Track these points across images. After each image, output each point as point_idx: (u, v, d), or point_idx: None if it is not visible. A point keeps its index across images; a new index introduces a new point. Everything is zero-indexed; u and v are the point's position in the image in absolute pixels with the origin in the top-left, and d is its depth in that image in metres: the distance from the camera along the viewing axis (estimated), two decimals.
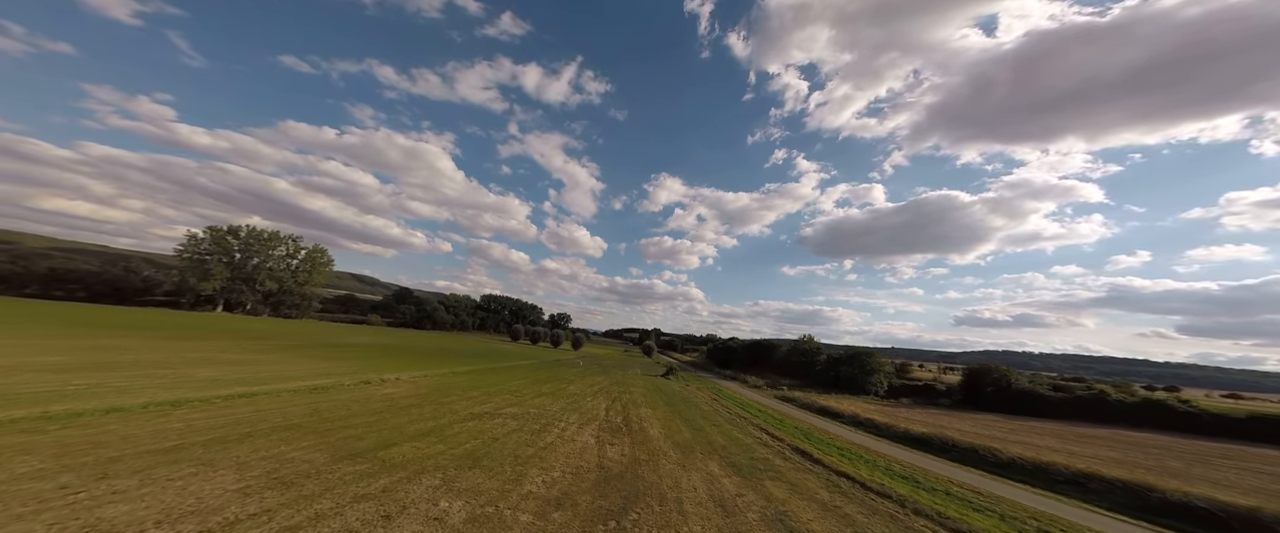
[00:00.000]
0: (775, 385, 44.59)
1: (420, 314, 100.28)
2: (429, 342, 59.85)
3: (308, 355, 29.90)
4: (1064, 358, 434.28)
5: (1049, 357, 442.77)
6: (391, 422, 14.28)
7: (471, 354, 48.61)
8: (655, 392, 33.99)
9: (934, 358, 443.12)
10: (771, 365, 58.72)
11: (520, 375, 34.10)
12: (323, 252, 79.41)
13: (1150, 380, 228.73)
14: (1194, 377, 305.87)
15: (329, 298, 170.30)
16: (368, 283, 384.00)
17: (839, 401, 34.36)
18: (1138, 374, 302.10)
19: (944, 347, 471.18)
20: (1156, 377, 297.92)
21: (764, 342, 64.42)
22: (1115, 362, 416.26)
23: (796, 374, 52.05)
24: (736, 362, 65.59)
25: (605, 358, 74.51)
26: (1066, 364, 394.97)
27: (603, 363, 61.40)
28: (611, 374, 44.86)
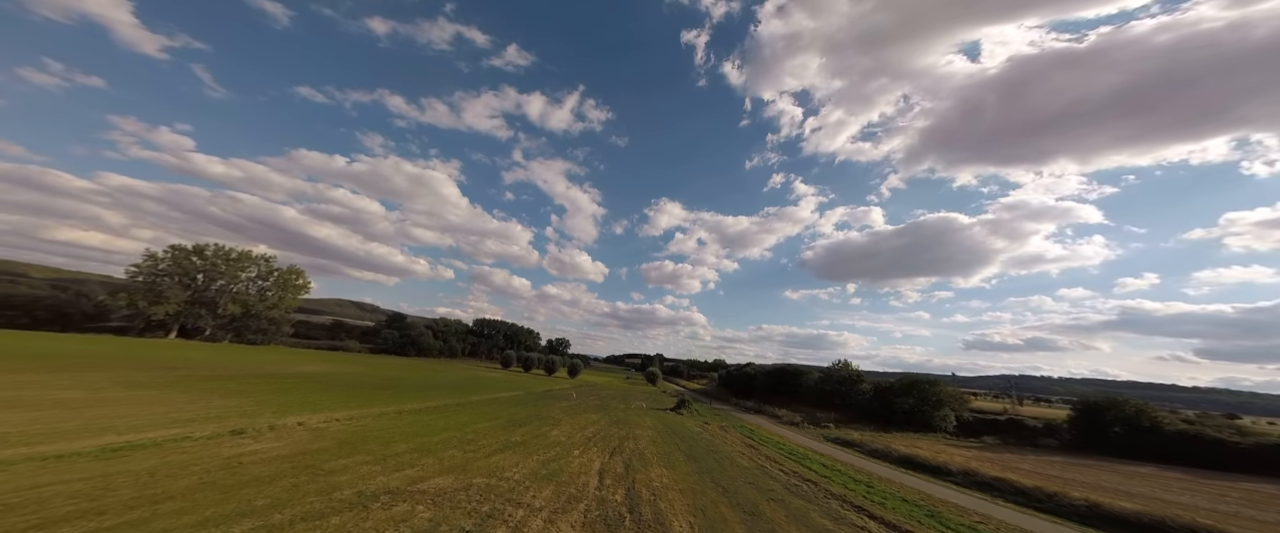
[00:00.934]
0: (815, 421, 36.22)
1: (404, 340, 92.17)
2: (397, 371, 51.83)
3: (210, 390, 22.47)
4: (1084, 382, 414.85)
5: (1069, 381, 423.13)
6: (157, 526, 6.75)
7: (442, 386, 40.65)
8: (669, 436, 25.95)
9: (950, 383, 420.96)
10: (801, 396, 50.18)
11: (490, 414, 26.29)
12: (298, 273, 72.68)
13: (1180, 406, 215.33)
14: (1229, 403, 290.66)
15: (322, 324, 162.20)
16: (368, 310, 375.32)
17: (913, 443, 26.18)
18: (1166, 400, 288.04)
19: (955, 370, 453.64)
20: (1188, 402, 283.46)
21: (788, 367, 56.10)
22: (1140, 387, 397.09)
23: (833, 406, 43.55)
24: (757, 390, 56.98)
25: (604, 388, 65.87)
26: (1087, 389, 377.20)
27: (601, 394, 52.97)
28: (611, 410, 36.74)
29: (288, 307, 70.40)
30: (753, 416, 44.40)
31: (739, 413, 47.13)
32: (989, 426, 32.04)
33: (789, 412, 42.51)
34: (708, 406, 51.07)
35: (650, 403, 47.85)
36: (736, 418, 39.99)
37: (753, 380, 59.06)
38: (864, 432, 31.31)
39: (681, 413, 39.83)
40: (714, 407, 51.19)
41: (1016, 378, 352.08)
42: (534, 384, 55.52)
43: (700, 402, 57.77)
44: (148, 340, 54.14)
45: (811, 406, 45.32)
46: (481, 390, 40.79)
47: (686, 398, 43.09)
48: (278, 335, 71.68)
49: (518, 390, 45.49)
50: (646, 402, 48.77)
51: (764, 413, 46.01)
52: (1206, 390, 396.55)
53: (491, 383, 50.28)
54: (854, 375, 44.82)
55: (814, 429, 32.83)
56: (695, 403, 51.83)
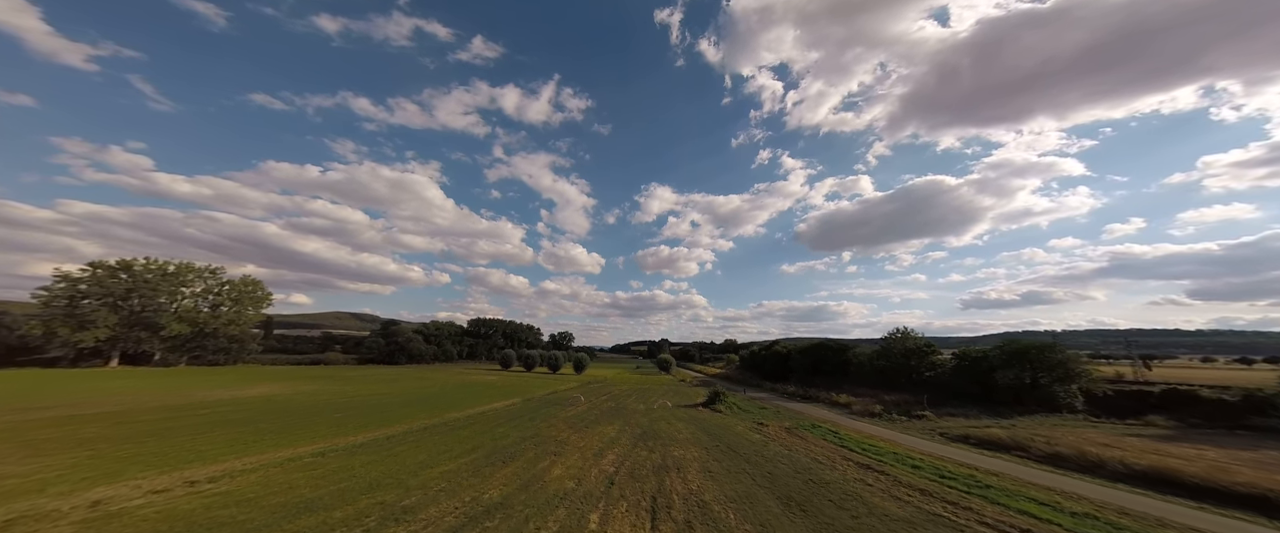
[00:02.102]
0: (890, 408, 28.28)
1: (392, 348, 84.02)
2: (371, 385, 43.64)
3: (36, 442, 14.14)
4: (1089, 334, 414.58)
5: (1074, 333, 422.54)
6: None
7: (418, 401, 32.54)
8: (725, 454, 17.89)
9: (950, 343, 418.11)
10: (851, 376, 42.34)
11: (466, 443, 18.22)
12: (255, 285, 63.86)
13: (1184, 352, 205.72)
14: (1236, 344, 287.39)
15: (311, 337, 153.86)
16: (367, 321, 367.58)
17: (1083, 437, 18.19)
18: (1169, 346, 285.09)
19: (956, 332, 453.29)
20: (1193, 347, 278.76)
21: (828, 343, 48.15)
22: (1142, 334, 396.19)
23: (897, 386, 35.70)
24: (793, 372, 49.20)
25: (615, 383, 58.04)
26: (1094, 341, 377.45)
27: (612, 391, 45.00)
28: (630, 416, 28.76)
29: (248, 322, 61.78)
30: (803, 404, 36.49)
31: (782, 401, 39.25)
32: (1135, 400, 24.03)
33: (847, 396, 34.65)
34: (742, 395, 43.22)
35: (674, 399, 39.95)
36: (791, 411, 32.05)
37: (787, 360, 51.30)
38: (977, 421, 23.52)
39: (718, 409, 31.88)
40: (749, 396, 43.34)
41: (1019, 333, 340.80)
42: (535, 386, 47.65)
43: (731, 390, 50.03)
44: (72, 371, 45.72)
45: (871, 387, 37.54)
46: (467, 403, 32.68)
47: (720, 391, 35.08)
48: (244, 353, 63.25)
49: (514, 398, 37.45)
50: (669, 398, 40.86)
51: (814, 399, 38.15)
52: (1209, 334, 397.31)
53: (484, 390, 42.23)
54: (922, 346, 36.77)
55: (908, 421, 24.92)
56: (727, 393, 44.11)
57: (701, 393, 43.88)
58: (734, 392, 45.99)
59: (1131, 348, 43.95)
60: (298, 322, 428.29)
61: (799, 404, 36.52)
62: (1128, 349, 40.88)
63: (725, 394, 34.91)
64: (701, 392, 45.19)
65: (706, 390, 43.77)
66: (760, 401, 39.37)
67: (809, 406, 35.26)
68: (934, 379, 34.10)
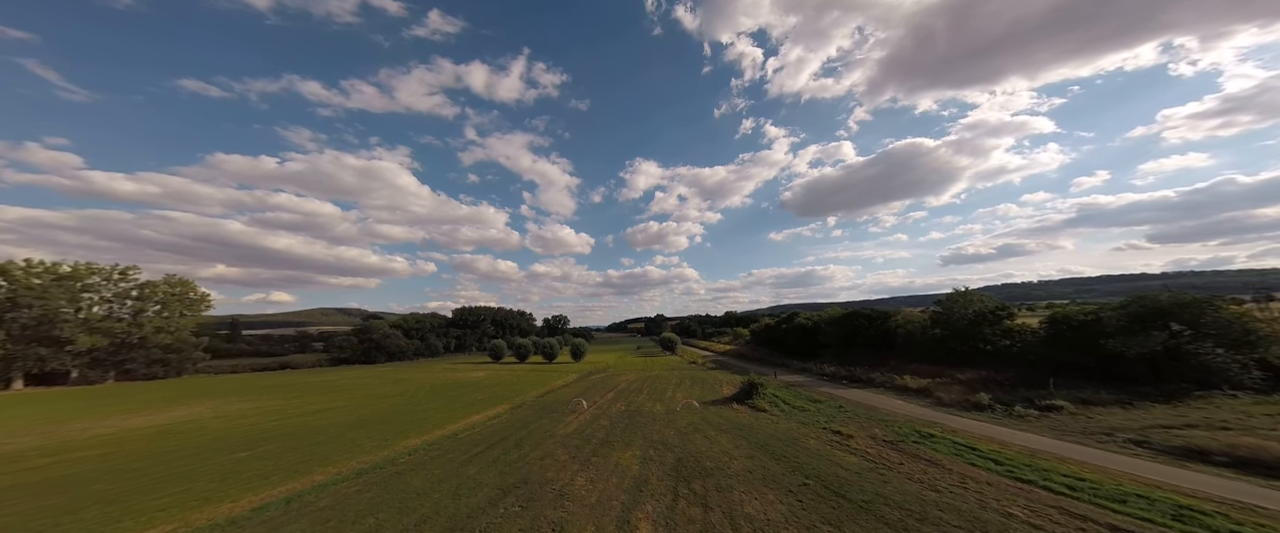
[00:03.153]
0: (995, 399, 21.61)
1: (368, 346, 75.88)
2: (323, 397, 35.94)
3: None
4: (1063, 284, 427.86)
5: (1049, 284, 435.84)
6: None
7: (375, 420, 25.06)
8: (853, 522, 10.49)
9: (929, 302, 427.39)
10: (898, 349, 36.01)
11: (410, 505, 10.58)
12: (187, 286, 54.36)
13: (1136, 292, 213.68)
14: (1199, 285, 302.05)
15: (287, 338, 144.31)
16: (354, 315, 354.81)
17: None
18: (1137, 290, 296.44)
19: (937, 289, 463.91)
20: (1154, 288, 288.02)
21: (863, 311, 41.53)
22: (1111, 280, 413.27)
23: (968, 361, 29.31)
24: (823, 347, 42.82)
25: (620, 372, 51.37)
26: (1069, 290, 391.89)
27: (618, 385, 38.14)
28: (649, 427, 21.78)
29: (182, 327, 52.76)
30: (855, 390, 29.96)
31: (827, 385, 32.74)
32: None
33: (913, 378, 28.19)
34: (771, 378, 36.80)
35: (696, 391, 33.22)
36: (853, 403, 25.34)
37: (815, 334, 44.81)
38: (1149, 412, 17.07)
39: (759, 407, 25.13)
40: (782, 380, 36.89)
41: (999, 287, 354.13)
42: (527, 384, 40.56)
43: (756, 372, 43.70)
44: None
45: (930, 362, 31.25)
46: (438, 418, 25.33)
47: (755, 379, 28.26)
48: (187, 363, 54.58)
49: (500, 404, 30.22)
50: (689, 390, 34.12)
51: (865, 382, 31.69)
52: (1173, 276, 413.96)
53: (465, 394, 34.85)
54: (995, 309, 29.92)
55: (1043, 417, 18.20)
56: (759, 378, 37.64)
57: (724, 380, 37.30)
58: (761, 374, 39.59)
59: (1256, 292, 37.80)
60: (280, 321, 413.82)
61: (851, 390, 30.00)
62: (1253, 294, 34.79)
63: (761, 382, 28.11)
64: (723, 378, 38.65)
65: (731, 378, 37.20)
66: (800, 387, 32.88)
67: (866, 392, 28.71)
68: (1014, 351, 27.66)
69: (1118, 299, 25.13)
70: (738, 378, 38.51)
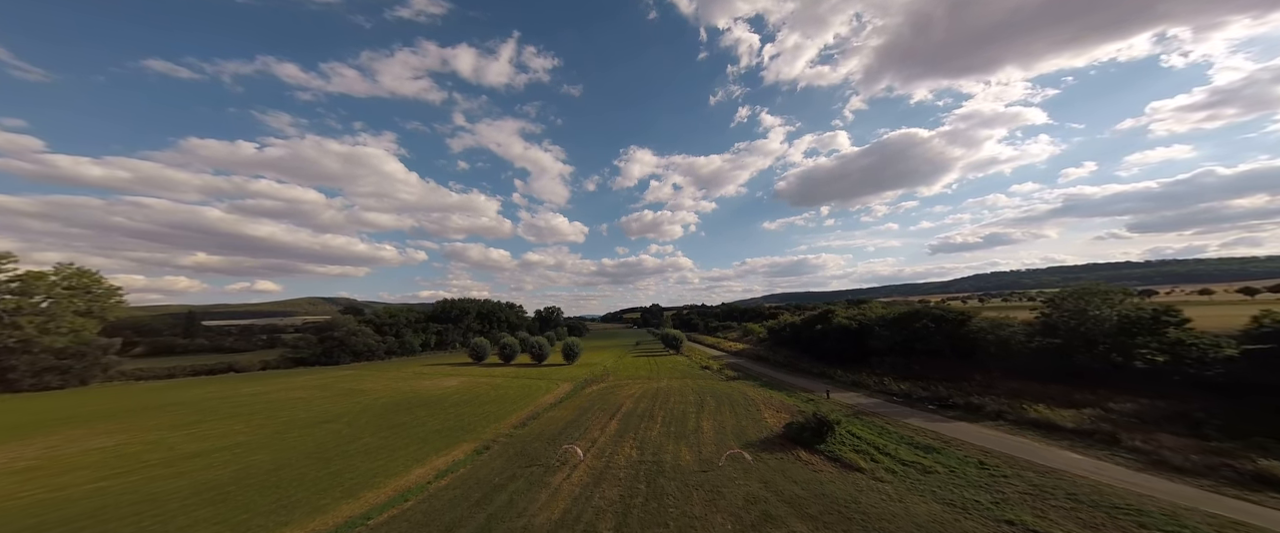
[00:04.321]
0: (1204, 447, 13.38)
1: (329, 344, 66.35)
2: (217, 426, 26.88)
3: None
4: (1049, 272, 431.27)
5: (1035, 272, 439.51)
6: None
7: (260, 480, 16.08)
8: None
9: (920, 291, 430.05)
10: (978, 359, 27.79)
11: None
12: (85, 277, 44.13)
13: (1131, 283, 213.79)
14: (1181, 274, 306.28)
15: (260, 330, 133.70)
16: (342, 305, 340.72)
17: None
18: (1121, 279, 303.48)
19: (925, 277, 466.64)
20: (1143, 278, 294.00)
21: (925, 311, 33.01)
22: (1096, 269, 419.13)
23: (1096, 378, 21.10)
24: (873, 353, 34.48)
25: (622, 380, 43.06)
26: (1055, 278, 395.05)
27: (624, 406, 29.65)
28: (692, 507, 12.93)
29: (81, 327, 42.76)
30: (970, 424, 21.74)
31: (918, 416, 24.47)
32: None
33: (1047, 408, 19.88)
34: (822, 396, 28.59)
35: (733, 422, 24.86)
36: (996, 454, 16.99)
37: (861, 337, 36.27)
38: None
39: (843, 458, 16.75)
40: (836, 399, 28.72)
41: (990, 276, 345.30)
42: (508, 398, 31.74)
43: (782, 378, 35.40)
44: None
45: (1042, 380, 23.16)
46: (350, 479, 16.65)
47: (824, 413, 19.70)
48: (95, 370, 44.76)
49: (462, 442, 21.50)
50: (721, 420, 25.76)
51: (968, 410, 23.37)
52: (1157, 265, 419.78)
53: (417, 421, 25.78)
54: (1160, 313, 21.12)
55: None
56: (817, 399, 29.57)
57: (759, 399, 28.14)
58: (809, 393, 31.22)
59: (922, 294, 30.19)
60: (266, 311, 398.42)
61: (954, 424, 21.71)
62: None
63: (834, 418, 19.62)
64: (757, 396, 29.76)
65: (767, 394, 27.88)
66: (874, 415, 24.57)
67: (983, 428, 20.39)
68: (1187, 371, 19.33)
69: None
70: (777, 396, 30.11)
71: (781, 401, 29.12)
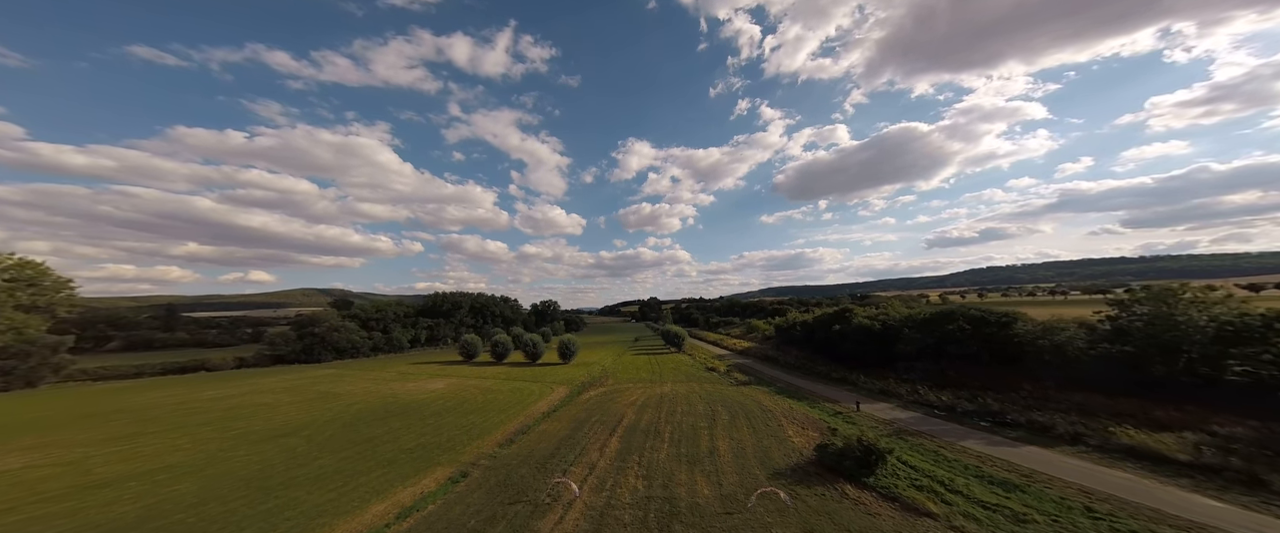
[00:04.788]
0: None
1: (309, 341, 62.55)
2: (159, 440, 23.35)
3: None
4: (1046, 266, 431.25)
5: (1031, 267, 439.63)
6: None
7: None
8: None
9: (916, 285, 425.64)
10: (1026, 365, 24.48)
11: None
12: (24, 266, 39.98)
13: (1128, 278, 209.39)
14: (1174, 270, 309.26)
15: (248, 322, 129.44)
16: (337, 296, 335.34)
17: None
18: (1116, 275, 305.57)
19: (920, 271, 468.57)
20: (1138, 273, 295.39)
21: (961, 310, 29.58)
22: (1092, 263, 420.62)
23: (1175, 395, 17.90)
24: (900, 358, 31.03)
25: (621, 385, 39.86)
26: (1050, 273, 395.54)
27: (623, 419, 26.39)
28: None
29: (24, 325, 38.75)
30: (1042, 450, 18.44)
31: (973, 438, 21.16)
32: None
33: (1137, 431, 16.58)
34: (856, 411, 25.41)
35: (754, 442, 21.65)
36: (1104, 497, 13.55)
37: (887, 340, 32.80)
38: None
39: (903, 497, 13.42)
40: (867, 412, 25.54)
41: (985, 271, 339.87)
42: (496, 406, 28.15)
43: (794, 381, 32.10)
44: None
45: (1109, 394, 19.98)
46: (295, 516, 12.91)
47: (867, 437, 16.33)
48: (44, 370, 40.88)
49: (437, 466, 18.17)
50: (740, 439, 22.54)
51: (1032, 430, 20.06)
52: (1151, 261, 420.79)
53: (389, 436, 22.22)
54: (1270, 319, 17.46)
55: None
56: (850, 418, 26.38)
57: (778, 409, 24.46)
58: (827, 398, 27.80)
59: (919, 288, 26.62)
60: (259, 302, 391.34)
61: (1021, 448, 18.41)
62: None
63: (884, 445, 16.23)
64: (774, 405, 26.18)
65: (787, 405, 24.11)
66: (918, 435, 21.29)
67: (1061, 455, 17.10)
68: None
69: None
70: (798, 408, 26.61)
71: (805, 413, 25.80)
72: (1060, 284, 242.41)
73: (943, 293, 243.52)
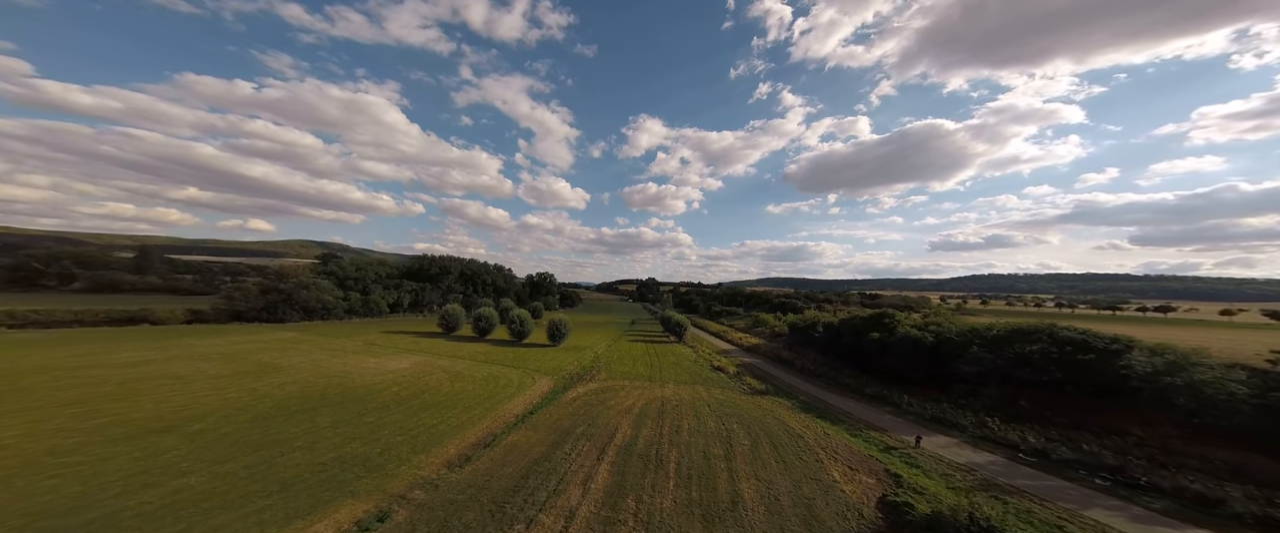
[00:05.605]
0: None
1: (273, 297, 56.74)
2: None
3: None
4: (1048, 278, 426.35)
5: (1032, 277, 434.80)
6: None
7: None
8: None
9: (914, 286, 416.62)
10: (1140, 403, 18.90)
11: None
12: None
13: (1129, 296, 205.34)
14: (1177, 290, 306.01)
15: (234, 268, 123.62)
16: (337, 250, 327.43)
17: None
18: (1118, 291, 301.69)
19: (920, 273, 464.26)
20: (1139, 292, 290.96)
21: (1043, 332, 23.77)
22: (1097, 278, 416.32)
23: None
24: (958, 380, 25.37)
25: (613, 376, 34.53)
26: (1053, 285, 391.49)
27: (614, 437, 20.81)
28: None
29: None
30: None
31: (1098, 506, 15.58)
32: None
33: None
34: (916, 448, 19.90)
35: (789, 484, 16.32)
36: None
37: (944, 357, 26.90)
38: None
39: None
40: (935, 452, 20.09)
41: (986, 277, 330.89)
42: (461, 402, 22.38)
43: (838, 413, 26.58)
44: None
45: (1226, 445, 14.64)
46: None
47: (985, 516, 10.63)
48: None
49: (342, 506, 12.22)
50: (771, 480, 17.20)
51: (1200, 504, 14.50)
52: (1155, 279, 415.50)
53: (278, 462, 16.41)
54: None
55: None
56: (874, 438, 21.01)
57: (810, 432, 18.30)
58: (868, 421, 22.18)
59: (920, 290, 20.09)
60: (256, 250, 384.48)
61: (1175, 528, 12.91)
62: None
63: (995, 523, 10.54)
64: (805, 428, 20.14)
65: (822, 429, 17.72)
66: (1009, 492, 15.83)
67: None
68: None
69: None
70: (836, 434, 20.65)
71: (846, 444, 20.31)
72: (1061, 296, 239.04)
73: (943, 296, 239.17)
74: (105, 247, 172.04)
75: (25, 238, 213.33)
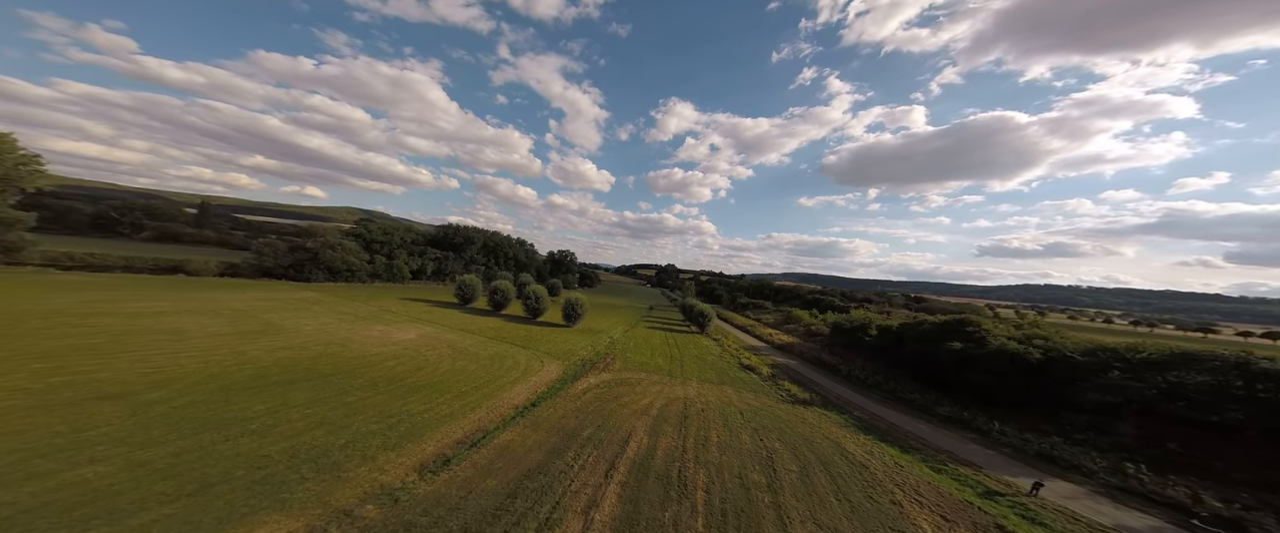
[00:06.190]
0: None
1: (300, 256, 56.83)
2: None
3: None
4: (1115, 293, 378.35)
5: (1096, 291, 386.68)
6: None
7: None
8: None
9: (956, 291, 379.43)
10: None
11: None
12: None
13: (1217, 319, 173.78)
14: (1274, 315, 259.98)
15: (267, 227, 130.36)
16: (379, 219, 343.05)
17: None
18: (1200, 311, 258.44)
19: (963, 279, 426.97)
20: (1230, 315, 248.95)
21: (1205, 354, 17.73)
22: (1177, 297, 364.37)
23: None
24: (1071, 406, 19.67)
25: (628, 367, 30.90)
26: (1120, 301, 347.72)
27: (626, 448, 16.95)
28: None
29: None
30: None
31: None
32: None
33: None
34: (1028, 494, 14.92)
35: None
36: None
37: (1057, 380, 20.83)
38: None
39: None
40: (1051, 500, 14.90)
41: (1041, 288, 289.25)
42: (460, 381, 19.21)
43: (904, 435, 21.64)
44: None
45: None
46: None
47: None
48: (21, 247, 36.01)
49: (282, 518, 9.10)
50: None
51: None
52: (1252, 302, 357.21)
53: (225, 447, 13.39)
54: None
55: None
56: (961, 473, 15.86)
57: (880, 469, 13.05)
58: (948, 451, 17.00)
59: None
60: (310, 214, 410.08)
61: None
62: None
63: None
64: (874, 464, 15.00)
65: (891, 456, 13.08)
66: None
67: None
68: None
69: None
70: (909, 466, 15.47)
71: (927, 479, 15.62)
72: (1133, 313, 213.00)
73: (989, 304, 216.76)
74: (178, 203, 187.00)
75: (124, 194, 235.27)
